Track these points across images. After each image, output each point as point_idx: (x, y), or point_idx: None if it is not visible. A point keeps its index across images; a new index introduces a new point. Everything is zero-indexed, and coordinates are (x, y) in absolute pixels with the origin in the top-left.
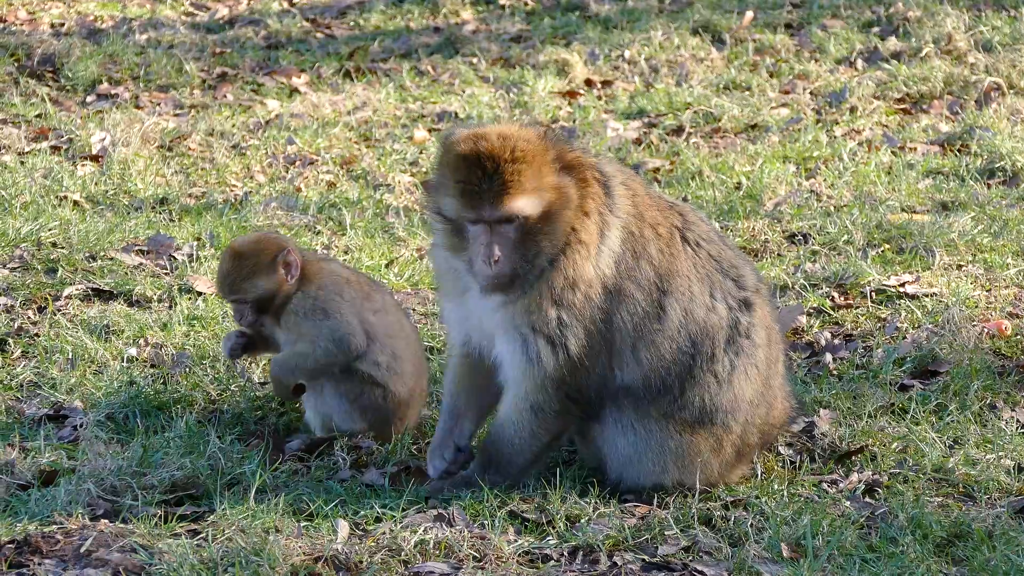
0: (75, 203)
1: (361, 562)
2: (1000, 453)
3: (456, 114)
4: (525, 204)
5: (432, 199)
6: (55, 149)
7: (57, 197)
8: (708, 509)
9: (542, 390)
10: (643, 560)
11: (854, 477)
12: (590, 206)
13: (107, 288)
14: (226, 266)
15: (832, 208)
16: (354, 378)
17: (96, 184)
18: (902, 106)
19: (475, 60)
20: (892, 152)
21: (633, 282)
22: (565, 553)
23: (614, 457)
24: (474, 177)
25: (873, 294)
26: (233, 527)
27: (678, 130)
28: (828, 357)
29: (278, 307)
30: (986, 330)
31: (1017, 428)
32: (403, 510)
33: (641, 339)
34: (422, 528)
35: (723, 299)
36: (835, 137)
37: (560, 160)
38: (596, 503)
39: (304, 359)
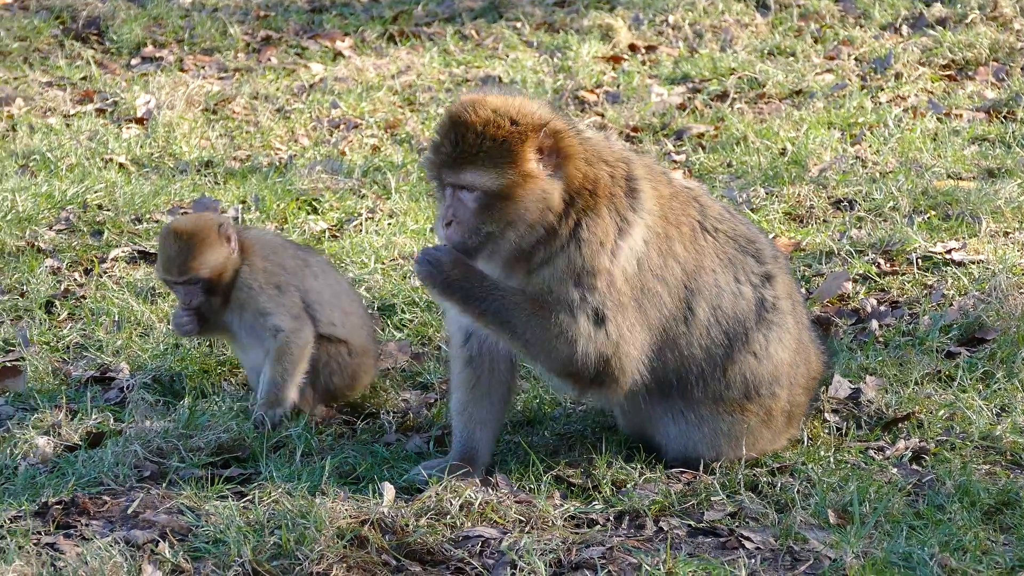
0: (120, 165)
1: (407, 525)
2: None
3: (500, 79)
4: (478, 177)
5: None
6: (100, 112)
7: (102, 159)
8: (754, 475)
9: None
10: (689, 525)
11: (901, 444)
12: (602, 208)
13: (153, 250)
14: (171, 248)
15: (878, 174)
16: (319, 345)
17: (141, 147)
18: (947, 72)
19: (519, 25)
20: (937, 119)
21: (660, 281)
22: (611, 518)
23: (666, 442)
24: (443, 138)
25: (919, 261)
26: (279, 489)
27: (722, 95)
28: (874, 324)
29: (226, 286)
30: None
31: None
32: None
33: (667, 339)
34: (468, 492)
35: (747, 280)
36: (880, 103)
37: (555, 156)
38: (642, 468)
39: (285, 374)
